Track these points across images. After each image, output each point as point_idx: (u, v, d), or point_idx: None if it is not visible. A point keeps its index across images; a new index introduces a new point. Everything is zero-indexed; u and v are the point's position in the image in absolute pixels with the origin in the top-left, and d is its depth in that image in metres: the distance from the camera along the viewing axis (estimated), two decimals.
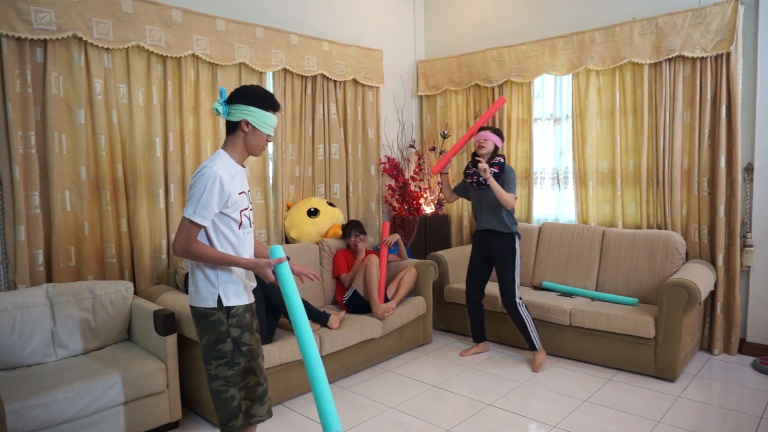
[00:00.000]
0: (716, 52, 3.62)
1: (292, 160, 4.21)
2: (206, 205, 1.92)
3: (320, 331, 3.34)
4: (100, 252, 3.22)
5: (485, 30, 4.91)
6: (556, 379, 3.47)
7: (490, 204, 3.60)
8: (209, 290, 2.01)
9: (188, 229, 1.93)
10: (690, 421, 2.87)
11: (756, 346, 3.76)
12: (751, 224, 3.71)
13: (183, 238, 1.93)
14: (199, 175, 1.94)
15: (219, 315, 2.02)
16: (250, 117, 2.00)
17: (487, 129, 3.65)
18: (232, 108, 2.01)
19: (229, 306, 2.03)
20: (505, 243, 3.64)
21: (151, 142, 3.37)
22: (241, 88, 2.05)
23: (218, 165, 1.96)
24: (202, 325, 2.04)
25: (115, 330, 2.98)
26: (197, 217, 1.91)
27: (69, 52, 3.02)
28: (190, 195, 1.94)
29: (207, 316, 2.02)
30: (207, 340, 2.03)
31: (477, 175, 3.58)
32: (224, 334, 2.02)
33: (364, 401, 3.22)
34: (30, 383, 2.43)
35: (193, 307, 2.06)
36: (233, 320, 2.04)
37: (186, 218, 1.92)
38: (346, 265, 3.98)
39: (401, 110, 5.22)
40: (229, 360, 2.03)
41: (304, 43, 4.12)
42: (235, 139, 2.04)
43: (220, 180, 1.93)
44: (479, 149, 3.62)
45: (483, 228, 3.71)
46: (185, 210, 1.93)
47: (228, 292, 2.03)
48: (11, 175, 2.83)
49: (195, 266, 2.03)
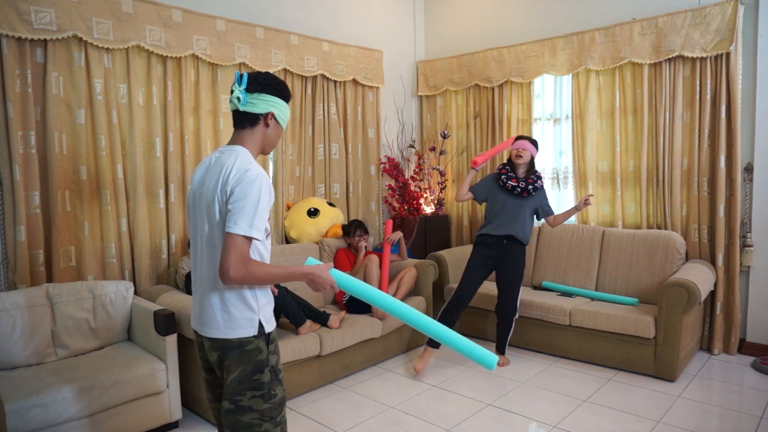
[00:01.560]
0: (716, 52, 3.62)
1: (292, 160, 4.21)
2: (262, 216, 1.61)
3: (320, 331, 3.34)
4: (100, 252, 3.22)
5: (485, 30, 4.91)
6: (556, 379, 3.48)
7: (522, 212, 3.60)
8: (247, 316, 1.68)
9: (242, 248, 1.58)
10: (690, 421, 2.87)
11: (756, 346, 3.76)
12: (751, 224, 3.71)
13: (238, 261, 1.56)
14: (248, 182, 1.59)
15: (258, 343, 1.70)
16: (277, 110, 1.75)
17: (526, 138, 3.64)
18: (253, 98, 1.71)
19: (269, 332, 1.75)
20: (521, 252, 3.66)
21: (151, 142, 3.37)
22: (265, 76, 1.75)
23: (259, 166, 1.67)
24: (233, 357, 1.68)
25: (115, 330, 2.99)
26: (255, 231, 1.58)
27: (69, 52, 3.03)
28: (241, 206, 1.57)
29: (242, 346, 1.68)
30: (240, 372, 1.68)
31: (522, 182, 3.57)
32: (263, 364, 1.70)
33: (364, 401, 3.22)
34: (30, 383, 2.43)
35: (223, 340, 1.68)
36: (272, 346, 1.75)
37: (238, 236, 1.56)
38: (349, 264, 3.98)
39: (401, 110, 5.22)
40: (266, 392, 1.70)
41: (304, 43, 4.13)
42: (255, 134, 1.75)
43: (269, 185, 1.64)
44: (517, 158, 3.61)
45: (502, 233, 3.60)
46: (235, 225, 1.56)
47: (267, 315, 1.75)
48: (11, 175, 2.83)
49: (226, 289, 1.67)
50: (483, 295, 4.07)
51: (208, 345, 1.73)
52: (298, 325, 3.26)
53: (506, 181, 3.62)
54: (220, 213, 1.63)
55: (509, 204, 3.62)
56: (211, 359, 1.76)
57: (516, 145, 3.64)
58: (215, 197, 1.63)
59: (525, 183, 3.58)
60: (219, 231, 1.64)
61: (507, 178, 3.62)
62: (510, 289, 3.65)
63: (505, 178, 3.63)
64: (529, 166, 3.65)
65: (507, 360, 3.79)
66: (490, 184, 3.73)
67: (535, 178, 3.63)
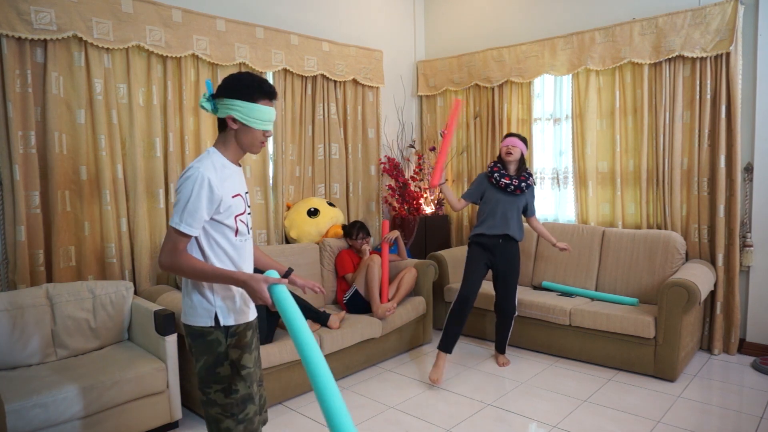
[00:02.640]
0: (716, 52, 3.62)
1: (292, 160, 4.21)
2: (194, 212, 1.66)
3: (320, 331, 3.34)
4: (100, 252, 3.22)
5: (485, 30, 4.91)
6: (556, 379, 3.48)
7: (516, 209, 3.60)
8: (205, 307, 1.77)
9: (175, 240, 1.67)
10: (690, 421, 2.87)
11: (756, 346, 3.76)
12: (751, 224, 3.71)
13: (169, 251, 1.68)
14: (185, 178, 1.69)
15: (216, 334, 1.77)
16: (236, 112, 1.74)
17: (515, 136, 3.62)
18: (218, 103, 1.76)
19: (227, 325, 1.79)
20: (516, 250, 3.67)
21: (151, 142, 3.37)
22: (226, 79, 1.79)
23: (207, 165, 1.71)
24: (198, 346, 1.79)
25: (115, 330, 2.99)
26: (184, 226, 1.66)
27: (69, 52, 3.03)
28: (176, 201, 1.69)
29: (203, 336, 1.78)
30: (204, 362, 1.79)
31: (515, 179, 3.55)
32: (222, 356, 1.78)
33: (364, 401, 3.22)
34: (30, 383, 2.43)
35: (187, 326, 1.81)
36: (232, 340, 1.79)
37: (172, 228, 1.67)
38: (352, 265, 3.98)
39: (401, 110, 5.22)
40: (227, 387, 1.78)
41: (304, 43, 4.13)
42: (226, 136, 1.79)
43: (208, 182, 1.68)
44: (507, 155, 3.58)
45: (498, 233, 3.57)
46: (171, 219, 1.68)
47: (226, 308, 1.79)
48: (11, 175, 2.83)
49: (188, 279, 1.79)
50: (482, 295, 4.07)
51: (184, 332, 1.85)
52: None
53: (499, 179, 3.57)
54: None
55: (503, 202, 3.58)
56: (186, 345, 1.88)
57: (506, 143, 3.61)
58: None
59: (518, 180, 3.56)
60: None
61: (500, 176, 3.57)
62: (508, 288, 3.65)
63: (498, 176, 3.58)
64: (519, 163, 3.62)
65: (507, 360, 3.78)
66: (483, 183, 3.68)
67: (527, 176, 3.61)
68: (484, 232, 3.60)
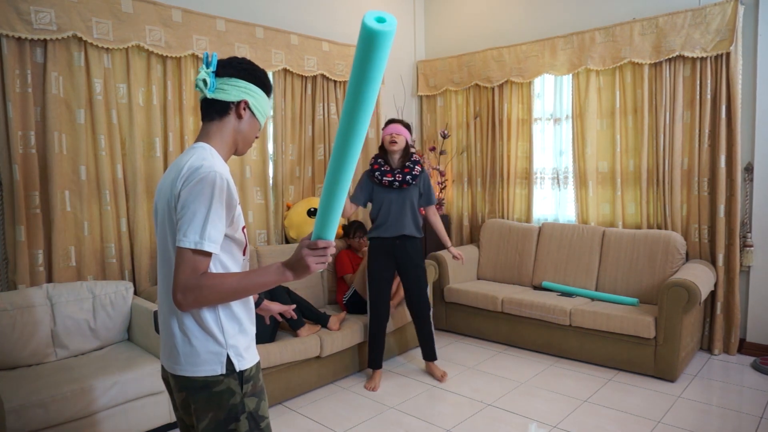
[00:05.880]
0: (716, 52, 3.62)
1: (292, 160, 4.20)
2: (216, 224, 1.28)
3: (320, 333, 3.34)
4: (100, 252, 3.21)
5: (485, 30, 4.91)
6: (556, 379, 3.48)
7: (409, 205, 3.34)
8: (212, 350, 1.35)
9: (194, 262, 1.26)
10: (690, 421, 2.87)
11: (756, 346, 3.76)
12: (751, 224, 3.71)
13: (188, 275, 1.25)
14: (196, 181, 1.27)
15: (228, 383, 1.36)
16: (252, 98, 1.44)
17: (398, 122, 3.34)
18: (223, 83, 1.42)
19: (242, 369, 1.38)
20: (418, 247, 3.43)
21: (151, 142, 3.37)
22: (238, 60, 1.46)
23: (217, 163, 1.35)
24: (202, 402, 1.36)
25: (115, 330, 2.99)
26: (207, 243, 1.26)
27: (69, 52, 3.02)
28: (187, 212, 1.26)
29: (209, 387, 1.35)
30: (210, 420, 1.35)
31: (399, 173, 3.30)
32: (237, 409, 1.36)
33: (364, 401, 3.22)
34: (30, 383, 2.43)
35: (186, 378, 1.36)
36: (248, 387, 1.39)
37: (186, 250, 1.25)
38: (351, 266, 3.98)
39: (401, 110, 5.22)
40: None
41: (304, 43, 4.12)
42: (225, 126, 1.44)
43: (227, 185, 1.32)
44: (391, 145, 3.29)
45: (396, 234, 3.33)
46: (184, 238, 1.25)
47: (239, 348, 1.39)
48: (11, 175, 2.83)
49: (184, 316, 1.35)
50: (482, 295, 4.07)
51: (173, 383, 1.42)
52: (296, 328, 3.26)
53: (381, 178, 3.31)
54: (171, 223, 1.32)
55: (391, 201, 3.32)
56: (177, 400, 1.45)
57: (388, 130, 3.31)
58: (168, 204, 1.33)
59: (402, 174, 3.29)
60: (172, 245, 1.32)
61: (381, 174, 3.31)
62: (418, 286, 3.44)
63: (380, 174, 3.31)
64: (404, 152, 3.34)
65: (443, 371, 3.51)
66: (367, 183, 3.41)
67: (411, 165, 3.33)
68: (380, 235, 3.36)
